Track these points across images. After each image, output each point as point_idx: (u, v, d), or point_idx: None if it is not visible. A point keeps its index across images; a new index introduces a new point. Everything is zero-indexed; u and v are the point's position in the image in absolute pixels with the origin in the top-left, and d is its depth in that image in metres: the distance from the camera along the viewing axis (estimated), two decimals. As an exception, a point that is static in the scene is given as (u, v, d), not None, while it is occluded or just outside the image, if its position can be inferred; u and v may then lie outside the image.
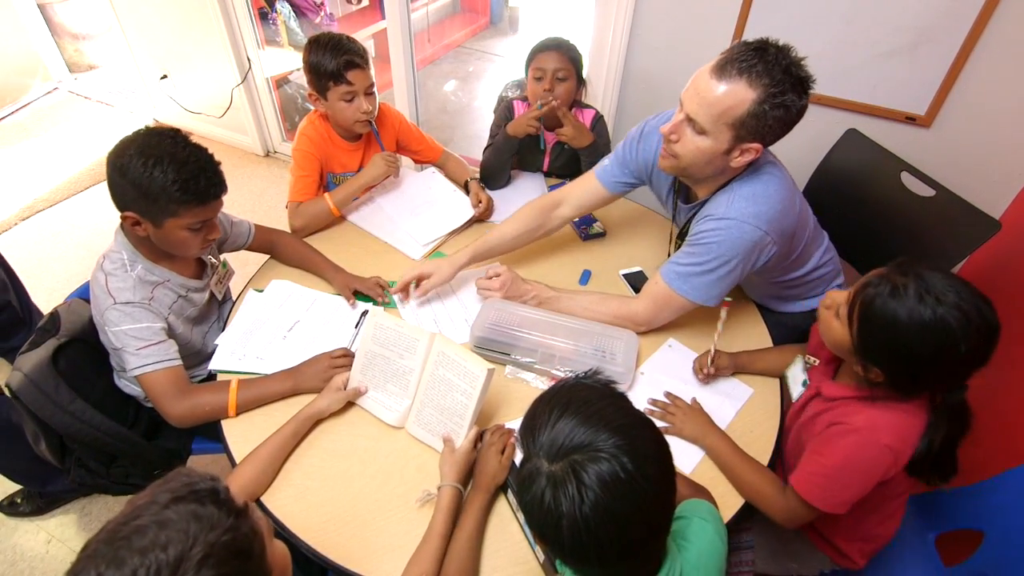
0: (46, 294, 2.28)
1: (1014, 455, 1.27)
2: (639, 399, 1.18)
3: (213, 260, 1.31)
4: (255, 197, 2.86)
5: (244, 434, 1.09)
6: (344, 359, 1.17)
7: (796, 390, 1.11)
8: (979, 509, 1.09)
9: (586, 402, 0.66)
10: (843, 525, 1.07)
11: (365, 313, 1.32)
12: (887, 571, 1.15)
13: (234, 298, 1.39)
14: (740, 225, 1.09)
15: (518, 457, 1.00)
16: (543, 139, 1.60)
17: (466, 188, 1.71)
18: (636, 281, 1.44)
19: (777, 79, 0.98)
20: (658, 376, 1.23)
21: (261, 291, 1.38)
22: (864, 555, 1.10)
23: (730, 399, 1.19)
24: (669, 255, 1.43)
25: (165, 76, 3.05)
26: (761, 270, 1.21)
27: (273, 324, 1.29)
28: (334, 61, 1.43)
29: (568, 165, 1.74)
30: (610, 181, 1.35)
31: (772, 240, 1.11)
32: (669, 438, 1.11)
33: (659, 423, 1.14)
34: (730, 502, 1.02)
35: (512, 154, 1.67)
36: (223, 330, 1.29)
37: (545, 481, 0.63)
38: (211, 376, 1.23)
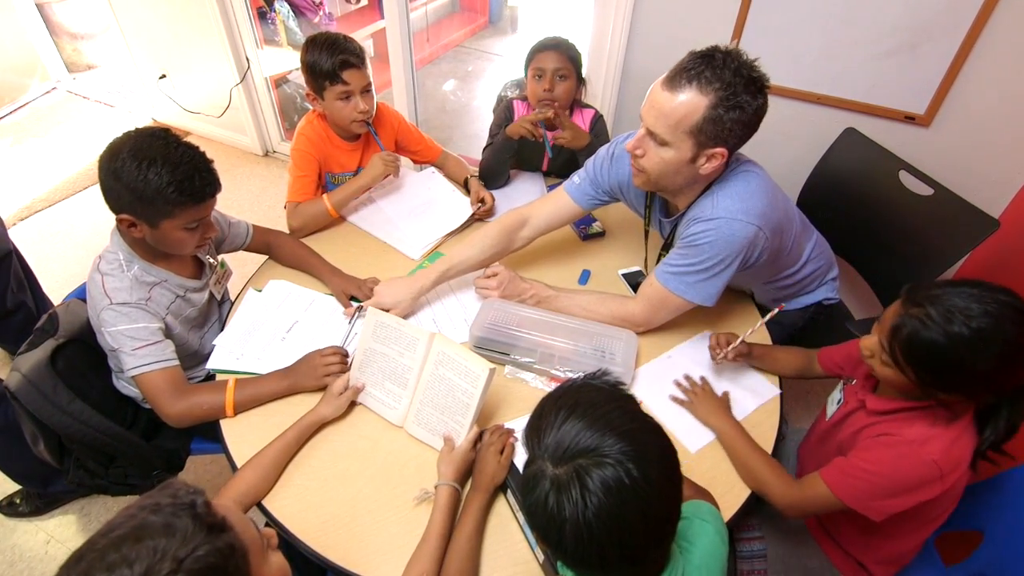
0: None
1: (1014, 455, 1.27)
2: (668, 384, 1.20)
3: (211, 260, 1.31)
4: (254, 197, 2.85)
5: (243, 435, 1.09)
6: (335, 356, 1.15)
7: (831, 409, 1.12)
8: (978, 509, 1.08)
9: (593, 404, 0.66)
10: (874, 545, 1.06)
11: (361, 307, 1.32)
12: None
13: (232, 299, 1.39)
14: (730, 223, 1.10)
15: (518, 458, 1.00)
16: (546, 139, 1.60)
17: (466, 187, 1.71)
18: (635, 281, 1.43)
19: (727, 81, 0.99)
20: (687, 363, 1.24)
21: (260, 290, 1.38)
22: (889, 572, 1.09)
23: (753, 395, 1.20)
24: (646, 265, 1.43)
25: (164, 76, 3.04)
26: (757, 271, 1.21)
27: (272, 325, 1.29)
28: (330, 60, 1.43)
29: (568, 164, 1.74)
30: (583, 199, 1.35)
31: (765, 235, 1.12)
32: (681, 416, 1.14)
33: (680, 396, 1.17)
34: (730, 502, 1.02)
35: (511, 155, 1.67)
36: (223, 327, 1.29)
37: (549, 484, 0.62)
38: (209, 376, 1.23)
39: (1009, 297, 0.82)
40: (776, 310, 1.15)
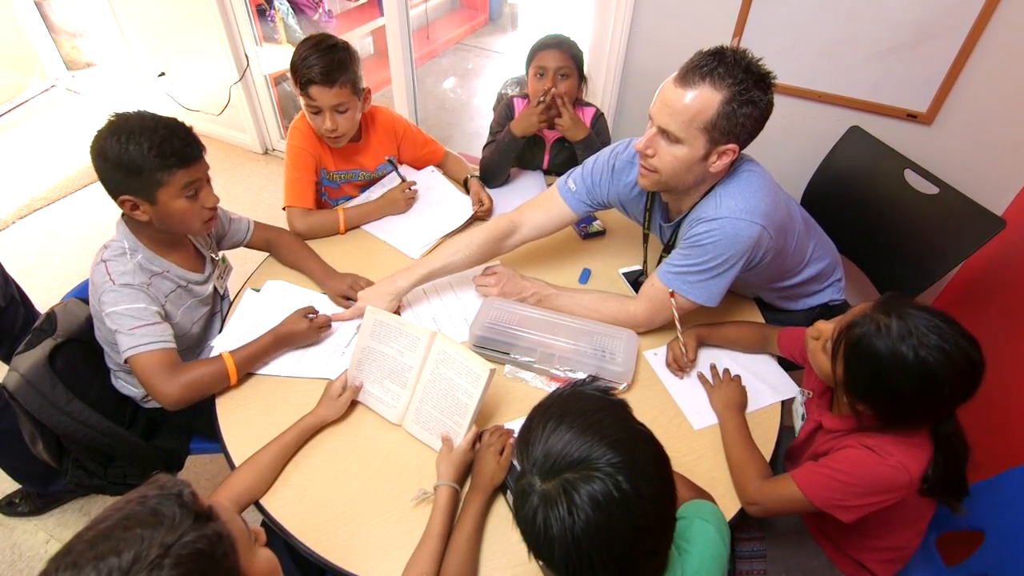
0: (44, 293, 2.27)
1: (1014, 455, 1.27)
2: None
3: (213, 256, 1.30)
4: (253, 195, 2.85)
5: (242, 434, 1.09)
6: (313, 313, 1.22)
7: (797, 423, 1.13)
8: (979, 509, 1.08)
9: (582, 413, 0.64)
10: (869, 544, 1.06)
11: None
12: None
13: (231, 297, 1.38)
14: (734, 223, 1.10)
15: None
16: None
17: (465, 186, 1.70)
18: (636, 280, 1.43)
19: (739, 77, 1.00)
20: (719, 356, 1.27)
21: (258, 290, 1.37)
22: (890, 571, 1.09)
23: (772, 390, 1.20)
24: (645, 269, 1.43)
25: (163, 73, 3.03)
26: (760, 273, 1.20)
27: (270, 325, 1.28)
28: (301, 72, 1.39)
29: (568, 164, 1.73)
30: (579, 205, 1.34)
31: (769, 234, 1.11)
32: (692, 392, 1.18)
33: (707, 377, 1.21)
34: (730, 503, 1.02)
35: (515, 153, 1.66)
36: (222, 326, 1.29)
37: (537, 500, 0.61)
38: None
39: (972, 349, 0.82)
40: (672, 301, 1.18)
